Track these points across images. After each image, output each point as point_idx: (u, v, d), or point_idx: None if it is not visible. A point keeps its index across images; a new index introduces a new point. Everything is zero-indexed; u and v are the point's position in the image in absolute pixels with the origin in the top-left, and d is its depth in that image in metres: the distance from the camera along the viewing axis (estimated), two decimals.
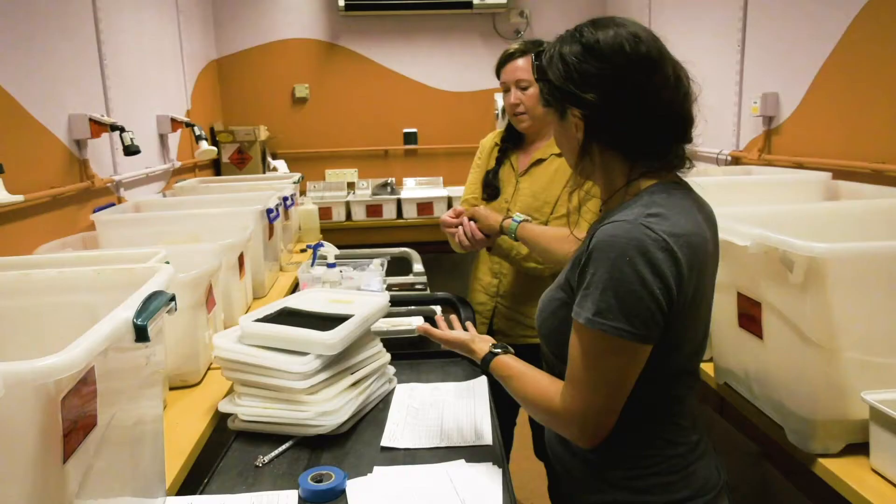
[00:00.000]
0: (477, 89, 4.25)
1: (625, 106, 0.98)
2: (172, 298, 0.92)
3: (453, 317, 1.34)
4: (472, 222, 1.81)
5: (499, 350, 1.18)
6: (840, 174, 2.01)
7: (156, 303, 0.86)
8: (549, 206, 1.89)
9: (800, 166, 2.26)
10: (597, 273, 0.95)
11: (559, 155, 1.88)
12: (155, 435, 1.04)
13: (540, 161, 1.94)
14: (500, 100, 4.19)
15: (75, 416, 0.71)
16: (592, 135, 1.02)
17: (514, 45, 1.91)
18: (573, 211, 1.81)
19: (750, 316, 1.32)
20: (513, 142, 2.02)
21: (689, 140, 1.04)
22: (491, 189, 2.02)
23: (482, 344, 1.22)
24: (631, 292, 0.92)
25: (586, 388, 0.98)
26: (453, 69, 4.22)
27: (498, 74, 1.95)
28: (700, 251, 0.98)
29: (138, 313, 0.81)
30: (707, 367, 1.60)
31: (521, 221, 1.71)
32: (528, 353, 1.24)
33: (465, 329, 1.31)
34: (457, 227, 1.83)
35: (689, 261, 0.95)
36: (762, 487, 1.81)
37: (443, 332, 1.30)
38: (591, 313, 0.95)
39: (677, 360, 1.02)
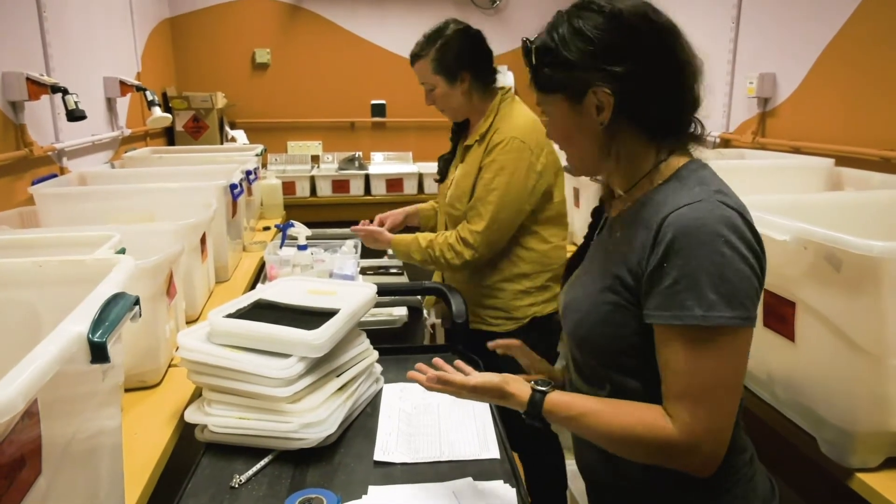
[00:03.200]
0: None
1: (657, 75, 0.91)
2: (136, 302, 0.74)
3: (458, 362, 1.09)
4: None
5: (545, 388, 0.96)
6: (842, 160, 1.93)
7: (116, 310, 0.68)
8: (467, 196, 1.85)
9: (797, 151, 2.18)
10: (689, 263, 0.83)
11: (479, 141, 1.86)
12: (112, 451, 0.86)
13: (468, 148, 1.91)
14: None
15: (8, 471, 0.54)
16: (623, 112, 0.91)
17: (414, 47, 1.92)
18: (472, 206, 1.81)
19: (779, 315, 1.21)
20: (461, 125, 2.01)
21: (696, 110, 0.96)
22: (442, 172, 2.04)
23: (519, 385, 0.99)
24: (738, 272, 0.83)
25: (709, 401, 0.84)
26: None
27: None
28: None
29: (95, 326, 0.64)
30: None
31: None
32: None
33: (479, 369, 1.07)
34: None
35: (757, 233, 0.88)
36: None
37: (465, 378, 1.01)
38: (703, 309, 0.82)
39: None
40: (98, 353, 0.62)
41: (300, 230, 2.12)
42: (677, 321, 0.84)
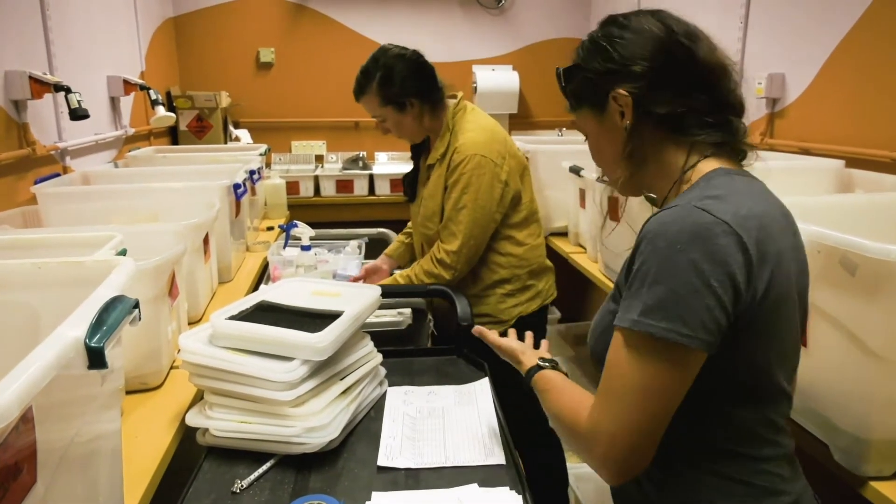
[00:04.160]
0: (455, 60, 4.04)
1: (676, 68, 0.90)
2: (136, 305, 0.72)
3: (512, 329, 1.26)
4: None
5: (546, 364, 1.04)
6: (852, 162, 1.90)
7: (115, 314, 0.66)
8: (437, 215, 1.86)
9: (806, 152, 2.15)
10: (643, 266, 0.82)
11: (440, 160, 1.86)
12: (112, 455, 0.84)
13: (431, 167, 1.91)
14: (478, 72, 4.01)
15: (3, 478, 0.52)
16: (644, 113, 0.91)
17: (354, 83, 1.92)
18: (444, 226, 1.82)
19: None
20: (420, 143, 2.01)
21: (742, 113, 0.94)
22: (410, 192, 2.06)
23: (531, 356, 1.10)
24: (685, 285, 0.78)
25: (618, 403, 0.83)
26: (430, 38, 3.98)
27: None
28: (775, 237, 0.84)
29: (92, 331, 0.62)
30: None
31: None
32: None
33: (523, 340, 1.21)
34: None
35: (760, 247, 0.81)
36: None
37: (495, 337, 1.22)
38: (636, 313, 0.81)
39: (754, 376, 0.87)
40: (95, 358, 0.60)
41: (304, 230, 2.11)
42: (619, 323, 0.84)
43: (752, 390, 0.87)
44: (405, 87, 1.84)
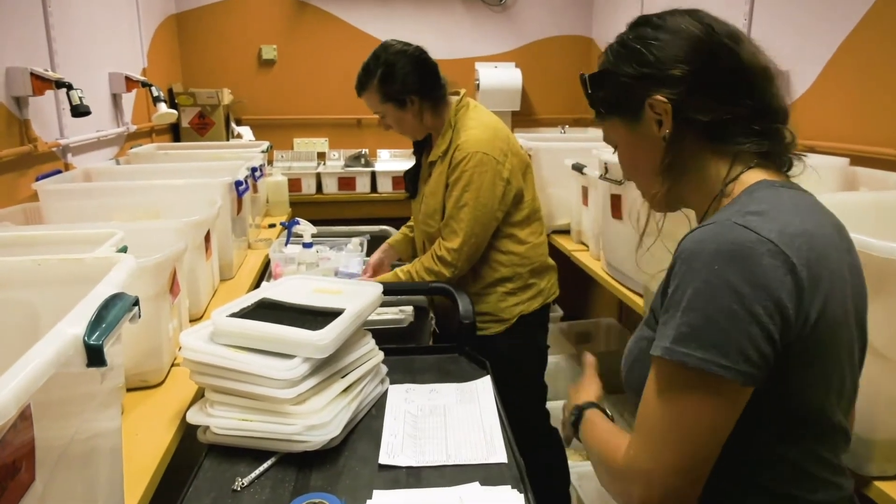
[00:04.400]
0: (457, 57, 4.03)
1: (719, 71, 0.83)
2: (136, 303, 0.72)
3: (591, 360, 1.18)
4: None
5: (593, 406, 0.99)
6: (856, 160, 1.89)
7: (114, 311, 0.66)
8: (438, 213, 1.85)
9: (810, 150, 2.13)
10: (678, 290, 0.75)
11: (442, 158, 1.84)
12: (112, 453, 0.84)
13: (433, 164, 1.89)
14: (481, 69, 4.00)
15: (1, 477, 0.52)
16: (683, 121, 0.84)
17: (356, 79, 1.91)
18: (445, 223, 1.80)
19: None
20: (422, 139, 1.99)
21: (786, 120, 0.86)
22: (411, 188, 2.04)
23: (584, 395, 1.05)
24: (723, 311, 0.71)
25: (654, 439, 0.76)
26: (433, 35, 3.97)
27: None
28: (828, 257, 0.77)
29: (91, 328, 0.61)
30: None
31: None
32: None
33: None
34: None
35: (811, 269, 0.74)
36: None
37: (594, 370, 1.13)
38: (669, 341, 0.74)
39: (807, 411, 0.79)
40: (94, 356, 0.60)
41: (305, 228, 2.11)
42: (653, 351, 0.77)
43: (804, 426, 0.80)
44: (406, 85, 1.82)
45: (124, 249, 1.16)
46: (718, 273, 0.72)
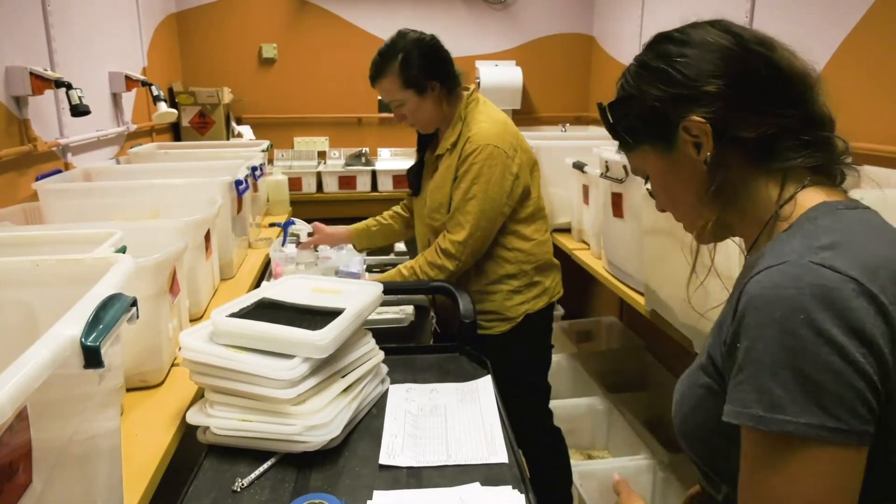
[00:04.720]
0: (458, 55, 3.99)
1: (757, 81, 0.76)
2: (134, 303, 0.71)
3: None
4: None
5: None
6: (859, 158, 1.87)
7: (112, 312, 0.66)
8: (445, 206, 1.83)
9: None
10: (756, 346, 0.65)
11: (450, 150, 1.82)
12: (110, 454, 0.84)
13: (440, 157, 1.88)
14: (481, 67, 3.99)
15: None
16: (725, 140, 0.77)
17: (372, 67, 1.88)
18: (451, 216, 1.79)
19: None
20: (427, 135, 1.98)
21: (833, 128, 0.79)
22: (414, 185, 2.02)
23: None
24: (820, 366, 0.62)
25: None
26: (432, 33, 3.96)
27: None
28: None
29: (88, 329, 0.61)
30: None
31: None
32: None
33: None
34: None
35: None
36: None
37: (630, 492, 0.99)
38: (762, 408, 0.64)
39: None
40: (91, 357, 0.60)
41: (301, 227, 2.10)
42: (734, 419, 0.67)
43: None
44: (426, 70, 1.81)
45: (123, 249, 1.15)
46: (806, 323, 0.63)
